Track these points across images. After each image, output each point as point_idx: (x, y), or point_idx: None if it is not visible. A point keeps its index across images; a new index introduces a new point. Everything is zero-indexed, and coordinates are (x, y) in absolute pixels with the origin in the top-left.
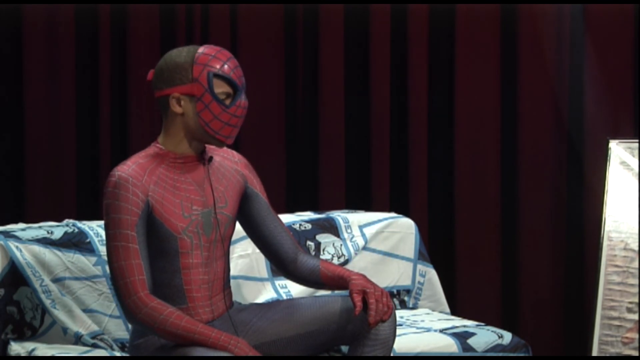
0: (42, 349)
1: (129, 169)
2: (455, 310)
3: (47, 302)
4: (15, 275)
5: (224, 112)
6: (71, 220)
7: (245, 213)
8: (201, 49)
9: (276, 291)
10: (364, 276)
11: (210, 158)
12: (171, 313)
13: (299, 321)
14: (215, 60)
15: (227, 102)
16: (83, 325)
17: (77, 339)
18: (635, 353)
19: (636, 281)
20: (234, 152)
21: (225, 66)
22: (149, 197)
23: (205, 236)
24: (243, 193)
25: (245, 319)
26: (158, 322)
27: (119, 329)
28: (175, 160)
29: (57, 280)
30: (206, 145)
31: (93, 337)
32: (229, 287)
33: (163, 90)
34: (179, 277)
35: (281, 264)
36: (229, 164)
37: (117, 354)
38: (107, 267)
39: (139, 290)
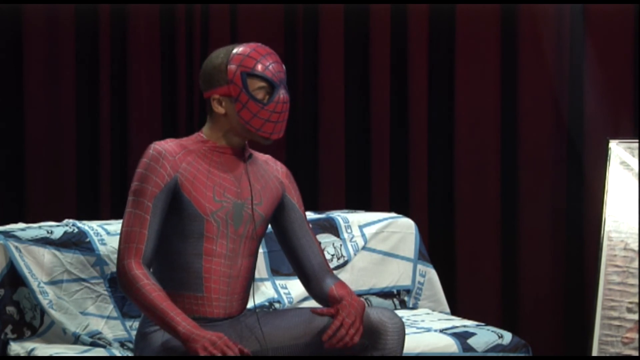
0: (42, 349)
1: (166, 144)
2: (455, 310)
3: (45, 303)
4: (15, 275)
5: (263, 109)
6: (71, 220)
7: (279, 222)
8: (236, 49)
9: (276, 291)
10: (359, 303)
11: (250, 155)
12: (146, 285)
13: (305, 330)
14: (249, 59)
15: (266, 99)
16: (81, 325)
17: (76, 339)
18: (635, 353)
19: (636, 281)
20: (278, 162)
21: (259, 64)
22: (179, 174)
23: (233, 227)
24: (279, 201)
25: (252, 324)
26: (133, 290)
27: (117, 329)
28: (215, 149)
29: (54, 282)
30: (249, 148)
31: (91, 337)
32: (249, 292)
33: (206, 92)
34: (199, 263)
35: (304, 279)
36: (271, 170)
37: (117, 352)
38: (105, 268)
39: (132, 256)
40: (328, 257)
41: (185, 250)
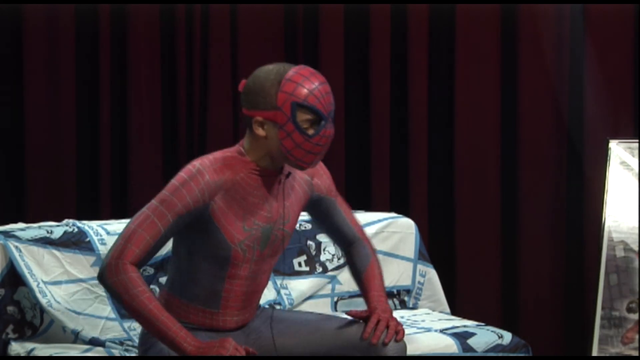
0: (42, 349)
1: (211, 165)
2: (455, 310)
3: (44, 302)
4: (15, 275)
5: (307, 141)
6: (71, 220)
7: (313, 211)
8: (290, 73)
9: (277, 291)
10: (390, 311)
11: (289, 174)
12: (144, 292)
13: (306, 339)
14: (301, 89)
15: (311, 131)
16: (79, 325)
17: (75, 337)
18: (635, 353)
19: (636, 281)
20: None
21: (311, 96)
22: (213, 202)
23: (259, 251)
24: (307, 201)
25: (257, 327)
26: (129, 294)
27: (115, 331)
28: (255, 170)
29: (54, 283)
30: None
31: (92, 337)
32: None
33: (248, 111)
34: (222, 285)
35: (342, 248)
36: (300, 174)
37: (116, 352)
38: None
39: (128, 258)
40: (328, 256)
41: (208, 272)
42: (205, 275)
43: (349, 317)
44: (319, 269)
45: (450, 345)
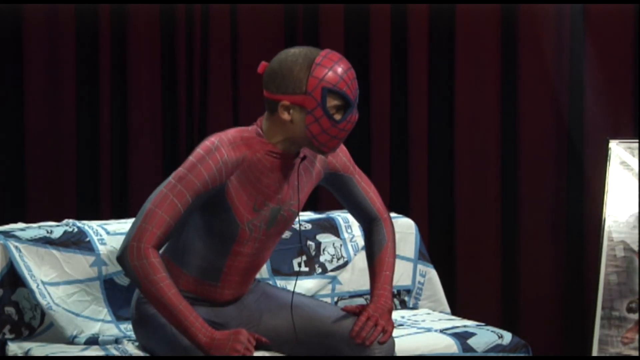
0: (39, 349)
1: (230, 144)
2: (455, 310)
3: (44, 303)
4: (14, 275)
5: (334, 127)
6: (71, 220)
7: (330, 187)
8: (319, 58)
9: None
10: (387, 309)
11: (304, 157)
12: (164, 278)
13: (299, 323)
14: (332, 74)
15: (338, 116)
16: (77, 328)
17: (72, 339)
18: (635, 353)
19: (636, 281)
20: None
21: (342, 82)
22: (229, 181)
23: (265, 230)
24: (319, 179)
25: (250, 303)
26: (149, 279)
27: (111, 333)
28: (272, 153)
29: (53, 284)
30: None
31: (86, 341)
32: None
33: (273, 94)
34: (224, 260)
35: (361, 223)
36: (316, 155)
37: (111, 347)
38: (103, 268)
39: (149, 241)
40: (328, 257)
41: (212, 247)
42: (209, 250)
43: (342, 315)
44: (319, 270)
45: (450, 345)
